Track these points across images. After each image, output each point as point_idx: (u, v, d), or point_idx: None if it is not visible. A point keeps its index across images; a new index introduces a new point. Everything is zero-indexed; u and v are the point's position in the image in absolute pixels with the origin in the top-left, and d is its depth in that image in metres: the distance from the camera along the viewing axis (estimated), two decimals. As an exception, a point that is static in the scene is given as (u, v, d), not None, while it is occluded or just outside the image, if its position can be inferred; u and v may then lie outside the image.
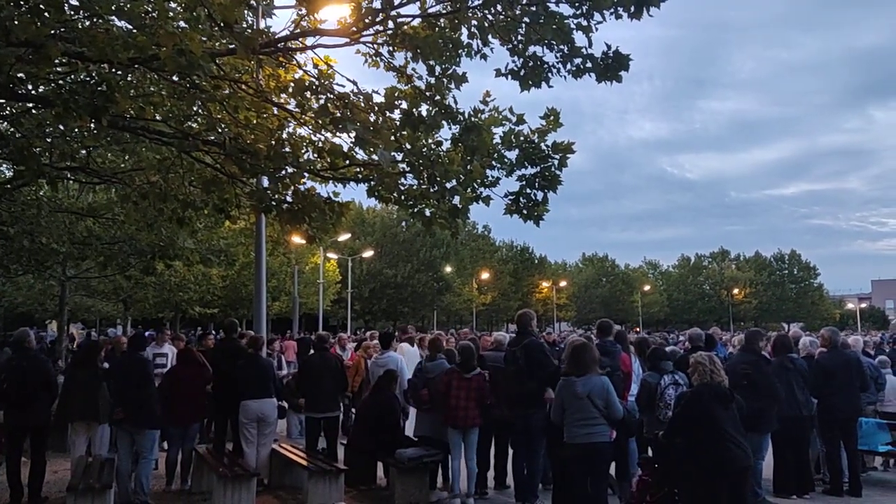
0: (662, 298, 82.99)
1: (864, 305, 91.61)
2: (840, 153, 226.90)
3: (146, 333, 17.07)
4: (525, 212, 6.50)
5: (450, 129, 6.20)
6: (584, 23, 5.42)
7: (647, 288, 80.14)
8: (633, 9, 5.19)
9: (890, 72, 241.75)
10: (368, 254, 45.30)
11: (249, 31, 5.69)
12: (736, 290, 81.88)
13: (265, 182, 7.26)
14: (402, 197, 6.56)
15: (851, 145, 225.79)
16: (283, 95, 6.55)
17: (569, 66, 5.70)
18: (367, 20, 5.40)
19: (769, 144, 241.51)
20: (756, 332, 9.06)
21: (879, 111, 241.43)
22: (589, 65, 5.66)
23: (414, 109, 6.01)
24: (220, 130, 6.29)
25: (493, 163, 6.52)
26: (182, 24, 5.22)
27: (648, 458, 7.41)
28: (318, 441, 9.25)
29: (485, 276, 59.57)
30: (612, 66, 5.62)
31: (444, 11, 5.61)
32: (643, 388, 7.64)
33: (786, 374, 8.22)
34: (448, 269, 55.11)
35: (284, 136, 6.64)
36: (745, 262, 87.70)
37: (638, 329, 58.83)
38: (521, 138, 6.47)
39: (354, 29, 5.52)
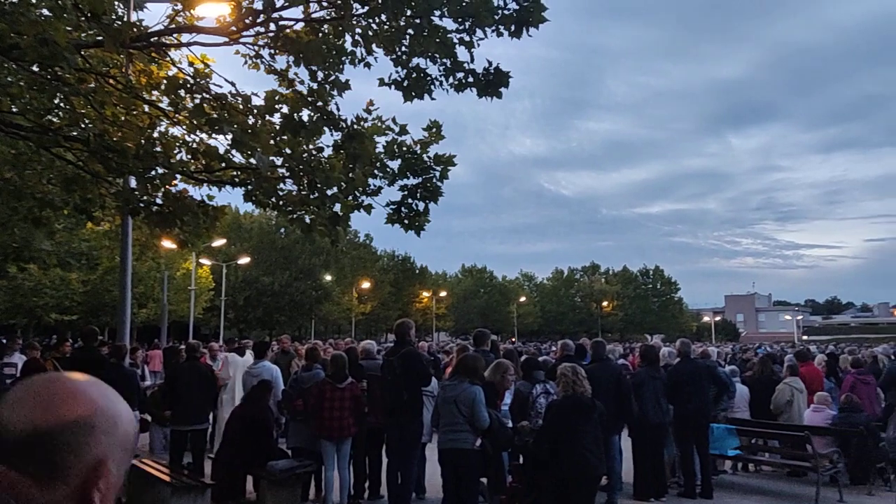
0: (537, 309, 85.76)
1: (718, 319, 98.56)
2: (701, 176, 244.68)
3: (-7, 341, 15.68)
4: (406, 222, 6.54)
5: (332, 135, 6.15)
6: (467, 38, 5.54)
7: (522, 299, 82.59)
8: (513, 28, 5.36)
9: (746, 102, 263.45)
10: (245, 260, 43.85)
11: (119, 23, 5.40)
12: (605, 303, 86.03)
13: (133, 182, 6.88)
14: (281, 202, 6.43)
15: (711, 169, 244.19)
16: (155, 93, 6.27)
17: (451, 80, 5.79)
18: (247, 20, 5.27)
19: (638, 165, 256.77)
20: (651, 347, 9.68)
21: (736, 138, 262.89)
22: (471, 80, 5.78)
23: (295, 114, 5.91)
24: (84, 126, 5.91)
25: (376, 172, 6.52)
26: (46, 12, 4.89)
27: (519, 465, 7.60)
28: (184, 455, 8.83)
29: (365, 285, 59.22)
30: (492, 82, 5.77)
31: (327, 17, 5.57)
32: (516, 397, 7.85)
33: (652, 383, 8.69)
34: (328, 277, 54.37)
35: (155, 135, 6.34)
36: (614, 276, 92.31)
37: (513, 339, 60.41)
38: (404, 148, 6.51)
39: (234, 29, 5.37)
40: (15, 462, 0.96)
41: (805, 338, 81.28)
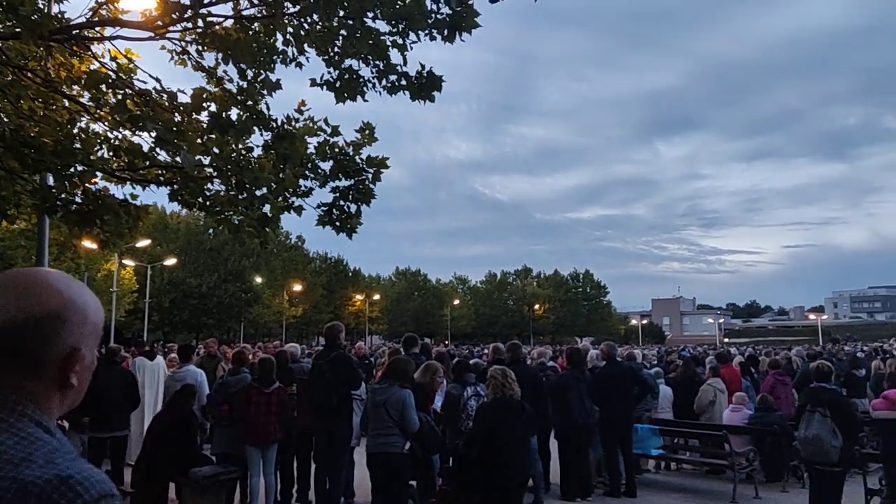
0: (470, 312, 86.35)
1: (645, 322, 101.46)
2: (630, 182, 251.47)
3: None
4: (338, 224, 6.47)
5: (261, 135, 6.04)
6: (400, 41, 5.54)
7: (456, 302, 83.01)
8: (446, 32, 5.38)
9: (673, 111, 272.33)
10: (171, 261, 42.62)
11: (39, 14, 5.17)
12: (536, 306, 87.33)
13: (50, 180, 6.59)
14: (208, 203, 6.27)
15: (640, 176, 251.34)
16: (76, 87, 6.02)
17: (384, 83, 5.77)
18: (174, 15, 5.12)
19: (571, 171, 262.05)
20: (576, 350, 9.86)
21: (664, 146, 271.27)
22: (404, 82, 5.78)
23: (223, 113, 5.78)
24: (-2, 120, 5.63)
25: (307, 173, 6.43)
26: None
27: (449, 468, 7.63)
28: (103, 463, 8.51)
29: (297, 287, 58.39)
30: (425, 86, 5.78)
31: (258, 15, 5.47)
32: (447, 400, 7.88)
33: (578, 385, 8.87)
34: (258, 279, 53.36)
35: (75, 131, 6.09)
36: (546, 279, 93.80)
37: (446, 342, 60.63)
38: (336, 150, 6.44)
39: (160, 23, 5.21)
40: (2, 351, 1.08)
41: (726, 340, 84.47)
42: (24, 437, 1.05)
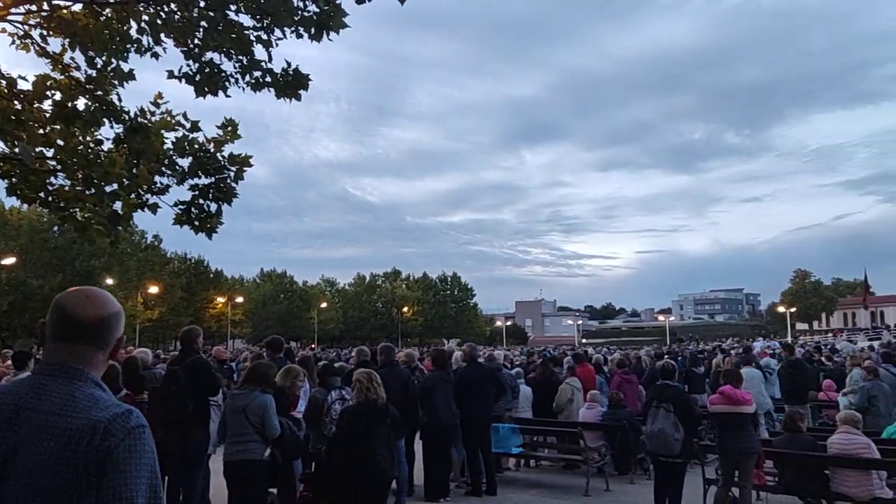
0: (338, 315, 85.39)
1: (509, 323, 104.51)
2: (498, 188, 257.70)
3: None
4: (197, 223, 6.20)
5: (112, 128, 5.69)
6: (265, 36, 5.41)
7: (323, 305, 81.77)
8: (313, 30, 5.31)
9: (537, 120, 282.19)
10: (9, 261, 39.15)
11: None
12: (405, 308, 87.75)
13: None
14: (51, 198, 5.82)
15: (507, 182, 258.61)
16: None
17: (247, 78, 5.61)
18: (14, -6, 4.74)
19: (442, 175, 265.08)
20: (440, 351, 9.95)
21: (529, 154, 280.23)
22: (268, 79, 5.64)
23: (69, 102, 5.40)
24: None
25: (164, 169, 6.11)
26: None
27: (310, 473, 7.50)
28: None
29: (153, 289, 55.28)
30: (291, 84, 5.67)
31: (110, 1, 5.15)
32: (311, 404, 7.74)
33: (443, 386, 8.99)
34: (109, 280, 50.00)
35: None
36: (415, 282, 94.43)
37: (313, 345, 59.63)
38: (196, 146, 6.17)
39: (0, 4, 4.80)
40: (88, 339, 1.80)
41: (584, 341, 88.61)
42: (90, 393, 1.74)
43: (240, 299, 70.87)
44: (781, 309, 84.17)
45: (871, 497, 7.40)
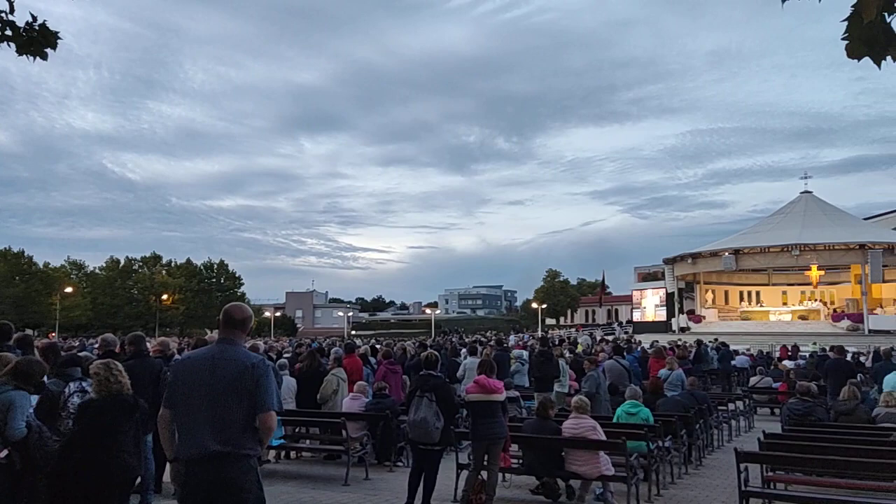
0: (87, 301, 77.72)
1: (278, 314, 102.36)
2: (273, 175, 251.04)
3: None
4: None
5: None
6: (4, -17, 4.75)
7: (69, 290, 73.76)
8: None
9: (319, 109, 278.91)
10: None
11: None
12: (165, 296, 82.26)
13: None
14: None
15: (283, 169, 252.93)
16: None
17: (-19, 28, 4.90)
18: None
19: (213, 157, 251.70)
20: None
21: (309, 143, 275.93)
22: (9, 32, 4.97)
23: None
24: None
25: None
26: None
27: (48, 472, 6.75)
28: None
29: None
30: (36, 40, 5.05)
31: None
32: (44, 396, 6.95)
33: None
34: None
35: None
36: (177, 268, 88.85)
37: (52, 334, 53.75)
38: None
39: None
40: (240, 328, 4.27)
41: (354, 332, 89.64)
42: (242, 349, 4.19)
43: (-37, 280, 61.66)
44: (535, 305, 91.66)
45: (599, 474, 8.37)
